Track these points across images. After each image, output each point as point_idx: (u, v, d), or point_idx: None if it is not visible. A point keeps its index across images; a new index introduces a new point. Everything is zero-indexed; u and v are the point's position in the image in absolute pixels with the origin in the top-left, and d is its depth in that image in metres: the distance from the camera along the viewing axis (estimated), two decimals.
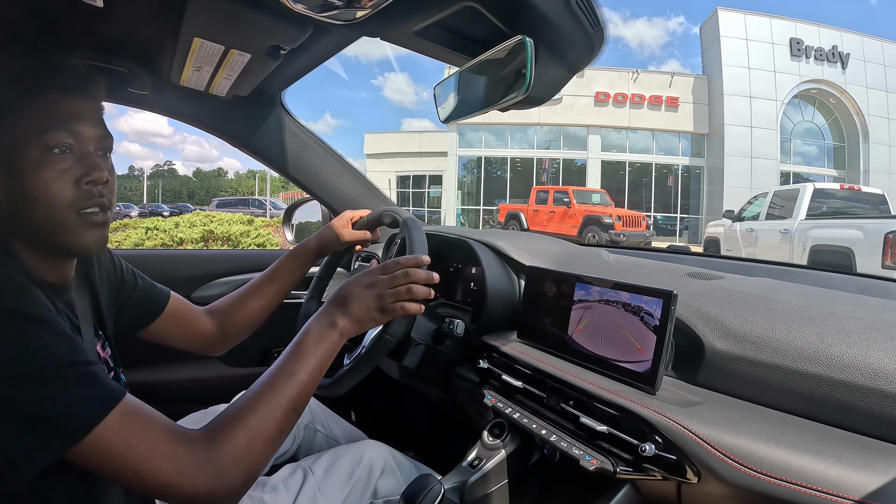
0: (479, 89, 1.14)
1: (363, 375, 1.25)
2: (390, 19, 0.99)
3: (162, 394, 1.94)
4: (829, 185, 10.77)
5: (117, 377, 1.09)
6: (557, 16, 0.90)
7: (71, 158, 0.89)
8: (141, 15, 1.22)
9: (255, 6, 1.10)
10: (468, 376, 1.43)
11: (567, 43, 0.98)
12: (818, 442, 0.81)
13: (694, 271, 1.40)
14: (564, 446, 1.07)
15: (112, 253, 1.22)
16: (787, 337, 0.95)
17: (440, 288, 1.74)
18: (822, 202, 9.74)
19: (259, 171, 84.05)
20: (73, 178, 0.88)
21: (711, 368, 1.02)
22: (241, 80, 1.50)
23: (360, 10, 0.91)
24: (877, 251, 7.42)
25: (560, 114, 25.47)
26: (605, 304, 1.15)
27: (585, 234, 16.34)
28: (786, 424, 0.87)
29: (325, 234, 1.50)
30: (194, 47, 1.27)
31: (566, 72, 1.05)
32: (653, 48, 15.37)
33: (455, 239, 1.65)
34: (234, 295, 1.45)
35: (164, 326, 1.29)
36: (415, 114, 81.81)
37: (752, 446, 0.82)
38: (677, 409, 0.93)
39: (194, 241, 8.24)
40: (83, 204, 0.90)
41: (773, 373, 0.93)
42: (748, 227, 11.00)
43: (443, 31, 1.06)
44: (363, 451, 1.37)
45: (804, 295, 1.14)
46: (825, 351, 0.90)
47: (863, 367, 0.85)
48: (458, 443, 2.03)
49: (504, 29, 0.98)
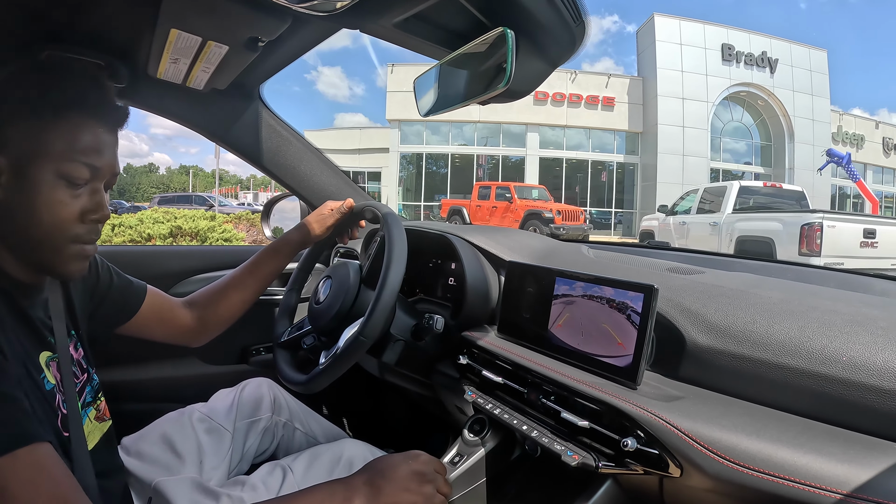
0: (459, 83, 1.13)
1: (338, 375, 1.24)
2: (370, 11, 0.98)
3: (138, 393, 1.91)
4: (754, 183, 12.18)
5: (90, 378, 1.07)
6: (539, 8, 0.90)
7: (83, 191, 0.89)
8: (118, 6, 1.20)
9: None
10: (448, 372, 1.43)
11: (548, 36, 0.97)
12: (800, 435, 0.81)
13: (674, 266, 1.41)
14: (546, 442, 1.06)
15: None
16: (767, 331, 0.96)
17: (420, 283, 1.73)
18: (748, 198, 10.86)
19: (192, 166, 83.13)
20: (79, 210, 0.89)
21: (693, 362, 1.03)
22: (219, 73, 1.48)
23: (339, 1, 0.90)
24: (794, 241, 8.56)
25: (499, 112, 26.19)
26: (585, 299, 1.14)
27: (527, 228, 16.60)
28: (767, 418, 0.87)
29: (306, 225, 1.49)
30: (171, 39, 1.25)
31: (547, 65, 1.05)
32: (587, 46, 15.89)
33: (435, 234, 1.64)
34: (214, 286, 1.43)
35: (143, 321, 1.28)
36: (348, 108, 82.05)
37: (734, 439, 0.82)
38: (658, 403, 0.93)
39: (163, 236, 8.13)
40: (84, 238, 0.91)
41: (754, 366, 0.94)
42: (681, 220, 12.04)
43: (423, 23, 1.05)
44: (342, 449, 1.36)
45: (785, 289, 1.15)
46: (806, 345, 0.90)
47: (844, 359, 0.86)
48: (439, 439, 2.02)
49: (485, 21, 0.97)
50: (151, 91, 1.64)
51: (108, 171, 0.93)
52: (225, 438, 1.38)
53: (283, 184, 2.04)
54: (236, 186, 65.44)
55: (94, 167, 0.89)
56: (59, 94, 0.88)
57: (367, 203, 1.47)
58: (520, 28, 0.92)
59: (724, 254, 2.22)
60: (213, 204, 23.43)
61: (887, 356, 0.83)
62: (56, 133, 0.86)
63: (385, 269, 1.21)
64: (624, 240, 23.84)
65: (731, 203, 10.59)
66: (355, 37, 28.34)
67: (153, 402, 1.78)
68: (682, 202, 12.52)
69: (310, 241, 1.50)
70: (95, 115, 0.90)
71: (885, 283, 1.40)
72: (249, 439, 1.45)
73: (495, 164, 28.37)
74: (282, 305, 1.58)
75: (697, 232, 11.29)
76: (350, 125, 31.50)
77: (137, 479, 1.21)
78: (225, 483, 1.29)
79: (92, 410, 1.04)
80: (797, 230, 8.53)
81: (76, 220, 0.89)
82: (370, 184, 29.72)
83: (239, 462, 1.42)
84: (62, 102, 0.87)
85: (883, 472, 0.72)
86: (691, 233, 11.53)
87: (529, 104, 26.13)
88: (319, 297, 1.41)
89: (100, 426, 1.06)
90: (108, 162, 0.92)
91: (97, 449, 1.02)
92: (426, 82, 1.21)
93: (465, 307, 1.46)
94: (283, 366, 1.41)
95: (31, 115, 0.85)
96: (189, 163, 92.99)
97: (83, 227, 0.90)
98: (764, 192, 11.29)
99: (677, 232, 12.06)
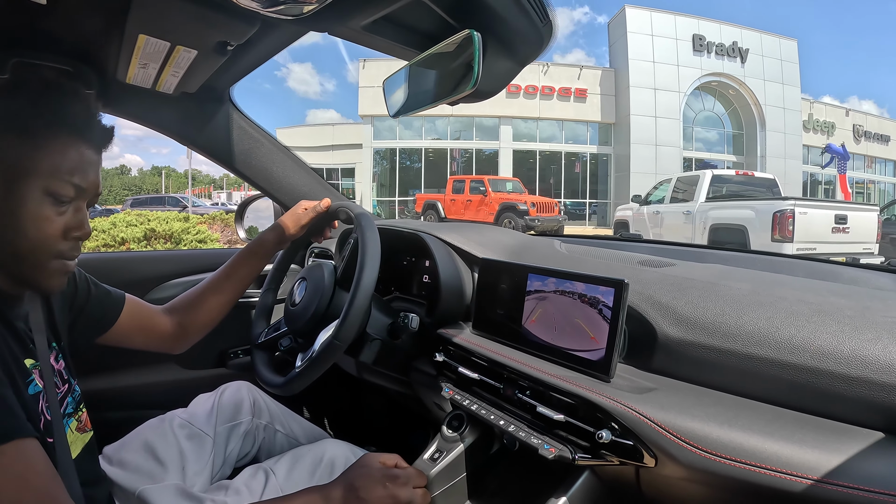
0: (428, 83, 1.14)
1: (314, 378, 1.24)
2: (338, 14, 0.98)
3: (119, 401, 1.90)
4: (726, 172, 12.16)
5: (72, 388, 1.06)
6: (506, 9, 0.91)
7: (68, 209, 0.90)
8: (85, 12, 1.19)
9: (200, 2, 1.08)
10: (425, 369, 1.44)
11: (516, 36, 0.98)
12: (771, 423, 0.83)
13: (646, 259, 1.42)
14: (523, 436, 1.08)
15: None
16: (737, 322, 0.97)
17: (395, 282, 1.74)
18: (721, 186, 10.95)
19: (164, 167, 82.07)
20: (63, 227, 0.90)
21: (664, 354, 1.04)
22: (189, 77, 1.48)
23: (307, 4, 0.90)
24: (766, 228, 8.66)
25: (472, 105, 25.34)
26: (557, 294, 1.15)
27: (502, 221, 16.81)
28: (739, 407, 0.89)
29: (281, 225, 1.48)
30: (139, 44, 1.25)
31: (515, 65, 1.05)
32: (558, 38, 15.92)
33: (408, 233, 1.65)
34: (192, 292, 1.42)
35: (123, 330, 1.27)
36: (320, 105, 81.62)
37: (706, 429, 0.83)
38: (632, 395, 0.95)
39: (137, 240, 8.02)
40: (66, 254, 0.92)
41: (724, 357, 0.95)
42: (654, 209, 12.11)
43: (391, 25, 1.05)
44: (324, 449, 1.37)
45: (754, 280, 1.16)
46: (774, 334, 0.92)
47: (811, 348, 0.88)
48: (420, 435, 2.03)
49: (452, 23, 0.98)
50: (121, 96, 1.63)
51: (93, 191, 0.93)
52: (206, 443, 1.38)
53: (256, 186, 2.03)
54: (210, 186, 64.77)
55: (79, 187, 0.90)
56: (51, 113, 0.88)
57: (341, 203, 1.47)
58: (487, 28, 0.93)
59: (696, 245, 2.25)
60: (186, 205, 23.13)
61: (854, 345, 0.85)
62: (46, 151, 0.86)
63: (358, 271, 1.21)
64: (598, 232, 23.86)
65: (703, 192, 10.65)
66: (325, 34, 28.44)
67: (132, 410, 1.77)
68: (656, 192, 12.59)
69: (286, 240, 1.49)
70: (83, 135, 0.91)
71: (854, 271, 1.42)
72: (231, 443, 1.45)
73: (469, 158, 28.30)
74: (259, 306, 1.58)
75: (671, 221, 11.36)
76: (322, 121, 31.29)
77: (121, 488, 1.21)
78: (208, 488, 1.29)
79: (73, 421, 1.04)
80: (769, 217, 8.60)
81: (60, 236, 0.90)
82: (344, 180, 29.56)
83: (221, 466, 1.42)
84: (54, 121, 0.88)
85: (852, 458, 0.74)
86: (665, 222, 11.60)
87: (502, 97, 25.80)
88: (295, 298, 1.41)
89: (81, 437, 1.06)
90: (93, 181, 0.93)
91: (79, 459, 1.01)
92: (396, 83, 1.22)
93: (439, 305, 1.46)
94: (261, 368, 1.41)
95: (23, 132, 0.86)
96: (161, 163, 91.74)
97: (66, 243, 0.91)
98: (736, 180, 11.38)
99: (651, 221, 12.13)
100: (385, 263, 1.25)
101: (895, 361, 0.81)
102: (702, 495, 0.88)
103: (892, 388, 0.79)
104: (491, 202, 18.10)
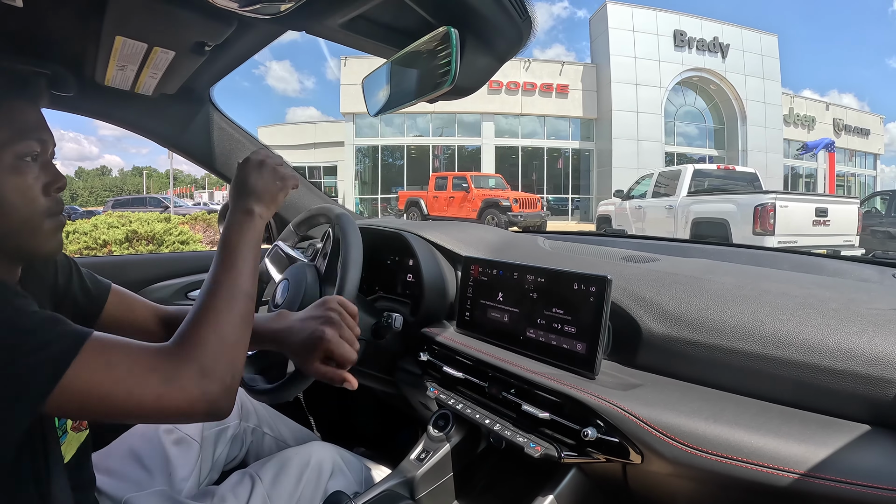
0: (407, 81, 1.13)
1: (306, 384, 1.22)
2: (315, 13, 0.98)
3: None
4: (708, 166, 12.20)
5: None
6: (483, 5, 0.90)
7: (37, 167, 0.89)
8: (62, 14, 1.18)
9: (176, 2, 1.07)
10: (410, 369, 1.43)
11: (495, 33, 0.97)
12: (756, 417, 0.83)
13: (629, 255, 1.42)
14: (509, 435, 1.08)
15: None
16: (721, 316, 0.97)
17: (379, 281, 1.73)
18: (703, 180, 11.00)
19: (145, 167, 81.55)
20: (41, 186, 0.89)
21: (649, 350, 1.04)
22: (167, 78, 1.46)
23: (283, 3, 0.89)
24: (748, 221, 8.72)
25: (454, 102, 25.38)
26: (541, 291, 1.15)
27: (485, 217, 16.88)
28: (724, 402, 0.89)
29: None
30: (117, 46, 1.23)
31: (495, 61, 1.05)
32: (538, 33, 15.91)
33: (390, 232, 1.64)
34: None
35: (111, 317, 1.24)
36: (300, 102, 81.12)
37: (692, 425, 0.83)
38: (617, 392, 0.95)
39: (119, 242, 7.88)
40: (54, 210, 0.91)
41: (709, 352, 0.95)
42: (637, 204, 12.16)
43: (369, 23, 1.05)
44: (311, 453, 1.35)
45: (738, 274, 1.17)
46: (759, 329, 0.92)
47: (796, 342, 0.88)
48: (407, 435, 2.02)
49: (430, 20, 0.97)
50: (100, 99, 1.61)
51: (51, 140, 0.93)
52: (193, 448, 1.36)
53: None
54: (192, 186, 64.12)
55: (41, 139, 0.90)
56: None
57: (320, 205, 1.46)
58: (465, 25, 0.92)
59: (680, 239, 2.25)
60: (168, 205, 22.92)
61: (839, 338, 0.86)
62: (7, 119, 0.86)
63: (341, 274, 1.21)
64: (581, 227, 23.96)
65: (685, 186, 10.72)
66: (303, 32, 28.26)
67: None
68: (638, 186, 12.65)
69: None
70: (25, 94, 0.91)
71: (837, 264, 1.43)
72: (219, 447, 1.44)
73: (451, 155, 28.32)
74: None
75: (654, 215, 11.41)
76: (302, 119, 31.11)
77: (108, 496, 1.19)
78: (195, 494, 1.28)
79: (68, 421, 1.03)
80: (751, 211, 8.68)
81: (42, 194, 0.89)
82: (326, 178, 29.45)
83: (209, 471, 1.40)
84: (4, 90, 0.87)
85: (838, 451, 0.74)
86: (648, 216, 11.65)
87: (484, 93, 25.83)
88: (277, 300, 1.40)
89: (77, 436, 1.05)
90: (49, 132, 0.93)
91: (77, 456, 1.02)
92: (375, 81, 1.21)
93: (423, 304, 1.46)
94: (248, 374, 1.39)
95: None
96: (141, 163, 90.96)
97: (50, 199, 0.91)
98: (718, 174, 11.45)
99: (634, 216, 12.17)
100: (368, 263, 1.24)
101: (880, 354, 0.81)
102: (689, 491, 0.89)
103: (878, 380, 0.79)
104: (474, 198, 18.09)
